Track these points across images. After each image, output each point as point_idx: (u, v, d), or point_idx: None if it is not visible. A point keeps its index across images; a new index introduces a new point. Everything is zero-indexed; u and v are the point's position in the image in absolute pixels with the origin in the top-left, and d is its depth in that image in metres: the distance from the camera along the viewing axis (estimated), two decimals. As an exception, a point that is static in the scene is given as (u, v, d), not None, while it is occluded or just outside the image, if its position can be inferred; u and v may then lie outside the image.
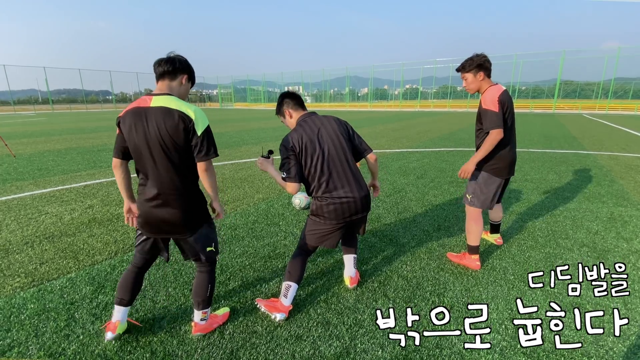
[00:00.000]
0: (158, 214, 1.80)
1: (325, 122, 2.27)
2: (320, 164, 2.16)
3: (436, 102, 47.08)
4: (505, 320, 2.17)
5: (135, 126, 1.69)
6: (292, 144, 2.15)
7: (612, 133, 13.29)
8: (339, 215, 2.20)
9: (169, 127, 1.68)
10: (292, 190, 2.18)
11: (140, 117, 1.69)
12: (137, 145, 1.71)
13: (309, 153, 2.15)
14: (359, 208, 2.24)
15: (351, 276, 2.55)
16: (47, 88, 47.04)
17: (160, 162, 1.72)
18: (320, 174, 2.17)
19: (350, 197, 2.19)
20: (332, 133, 2.23)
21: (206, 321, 2.02)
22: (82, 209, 4.34)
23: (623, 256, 3.04)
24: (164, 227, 1.85)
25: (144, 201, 1.81)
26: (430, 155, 8.26)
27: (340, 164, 2.20)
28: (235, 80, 68.62)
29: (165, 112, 1.68)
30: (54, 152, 9.18)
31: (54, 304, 2.36)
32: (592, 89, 43.19)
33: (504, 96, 2.61)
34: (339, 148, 2.21)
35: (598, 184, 5.49)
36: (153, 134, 1.68)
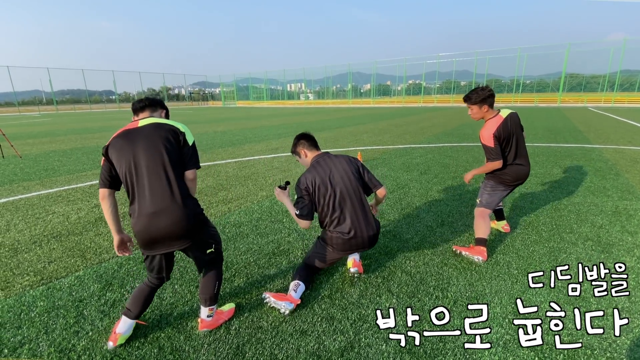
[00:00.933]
0: (160, 226, 1.75)
1: (337, 163, 2.45)
2: (332, 203, 2.36)
3: (439, 97, 46.82)
4: (508, 314, 2.18)
5: (127, 146, 1.75)
6: (305, 185, 2.36)
7: (617, 126, 13.16)
8: (347, 248, 2.43)
9: (163, 138, 1.77)
10: (304, 226, 2.39)
11: (132, 136, 1.78)
12: (132, 163, 1.74)
13: (322, 193, 2.35)
14: (366, 244, 2.46)
15: (355, 259, 2.65)
16: (51, 89, 47.37)
17: (157, 174, 1.75)
18: (332, 211, 2.38)
19: (359, 235, 2.39)
20: (344, 173, 2.41)
21: (212, 317, 2.05)
22: (88, 209, 4.40)
23: (627, 250, 3.03)
24: (166, 240, 1.80)
25: (144, 217, 1.74)
26: (434, 150, 8.24)
27: (351, 203, 2.39)
28: (237, 79, 68.66)
29: (156, 126, 1.81)
30: (59, 152, 9.27)
31: (63, 301, 2.40)
32: (597, 82, 42.69)
33: (500, 129, 2.88)
34: (349, 187, 2.40)
35: (603, 177, 5.46)
36: (148, 148, 1.75)
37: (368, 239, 2.44)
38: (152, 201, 1.74)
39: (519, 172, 3.05)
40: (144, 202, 1.74)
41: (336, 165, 2.44)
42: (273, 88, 69.54)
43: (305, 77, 59.76)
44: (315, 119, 20.89)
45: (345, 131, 12.96)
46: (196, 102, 74.45)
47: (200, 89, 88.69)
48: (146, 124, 1.83)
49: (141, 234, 1.76)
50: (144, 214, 1.74)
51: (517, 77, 40.51)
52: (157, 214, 1.74)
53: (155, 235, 1.76)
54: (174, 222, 1.76)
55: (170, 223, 1.76)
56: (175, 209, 1.76)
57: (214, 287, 2.02)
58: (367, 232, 2.42)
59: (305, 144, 2.54)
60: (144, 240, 1.79)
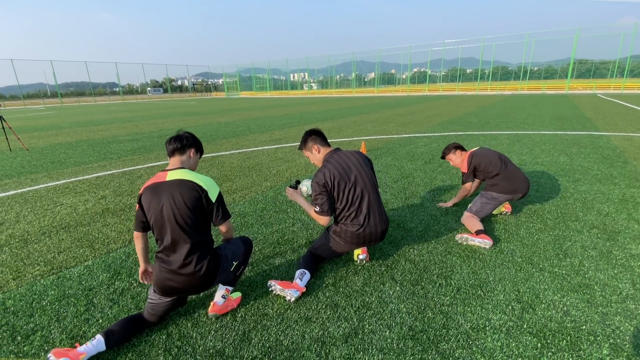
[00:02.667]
0: (179, 282, 1.90)
1: (352, 157, 2.46)
2: (351, 197, 2.38)
3: (445, 85, 46.18)
4: (512, 301, 2.19)
5: (154, 200, 1.87)
6: (324, 181, 2.35)
7: (627, 113, 12.92)
8: (359, 241, 2.46)
9: (185, 196, 1.87)
10: (324, 223, 2.43)
11: (158, 191, 1.88)
12: (159, 217, 1.87)
13: (341, 188, 2.36)
14: (378, 237, 2.49)
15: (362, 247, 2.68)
16: (55, 82, 47.52)
17: (180, 236, 1.87)
18: (350, 206, 2.39)
19: (373, 229, 2.42)
20: (360, 167, 2.43)
21: (224, 302, 2.10)
22: (95, 200, 4.45)
23: (633, 237, 3.01)
24: (193, 288, 1.97)
25: (169, 270, 1.89)
26: (439, 139, 8.18)
27: (369, 197, 2.41)
28: (240, 69, 68.22)
29: (180, 183, 1.90)
30: (65, 144, 9.34)
31: (73, 290, 2.46)
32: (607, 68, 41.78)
33: (470, 160, 3.42)
34: (367, 182, 2.42)
35: (610, 165, 5.39)
36: (172, 204, 1.85)
37: (380, 233, 2.47)
38: (173, 260, 1.89)
39: (517, 184, 3.28)
40: (169, 257, 1.90)
41: (352, 159, 2.45)
42: (276, 78, 69.07)
43: (308, 67, 59.22)
44: (319, 108, 20.77)
45: (349, 121, 12.88)
46: (199, 93, 74.31)
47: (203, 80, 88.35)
48: (173, 179, 1.91)
49: (161, 284, 1.92)
50: (170, 269, 1.89)
51: (525, 64, 39.75)
52: (175, 273, 1.89)
53: (177, 286, 1.92)
54: (192, 286, 1.95)
55: (188, 286, 1.94)
56: (195, 278, 1.92)
57: (237, 269, 2.15)
58: (380, 227, 2.45)
59: (318, 140, 2.53)
60: (163, 289, 1.93)
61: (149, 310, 1.98)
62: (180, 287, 1.92)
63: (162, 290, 1.93)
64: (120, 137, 10.55)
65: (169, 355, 1.82)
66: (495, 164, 3.31)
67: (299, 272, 2.37)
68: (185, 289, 1.94)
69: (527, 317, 2.05)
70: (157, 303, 1.97)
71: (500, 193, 3.27)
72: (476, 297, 2.24)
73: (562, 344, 1.84)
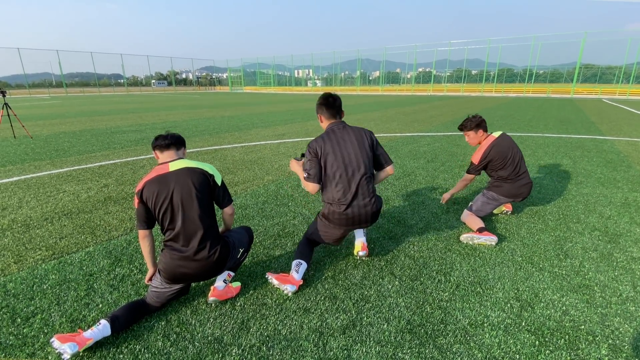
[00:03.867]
0: (191, 268, 1.93)
1: (351, 134, 2.39)
2: (338, 174, 2.31)
3: (450, 85, 45.98)
4: (511, 299, 2.19)
5: (162, 190, 1.87)
6: (315, 149, 2.34)
7: (632, 118, 12.84)
8: (347, 223, 2.39)
9: (196, 182, 1.92)
10: (312, 190, 2.36)
11: (164, 181, 1.89)
12: (168, 206, 1.88)
13: (329, 163, 2.32)
14: (367, 219, 2.42)
15: (363, 242, 2.66)
16: (61, 72, 47.57)
17: (193, 221, 1.90)
18: (336, 184, 2.33)
19: (361, 210, 2.35)
20: (356, 145, 2.35)
21: (224, 287, 2.12)
22: (97, 188, 4.47)
23: (635, 240, 3.00)
24: (204, 273, 1.99)
25: (182, 257, 1.91)
26: (442, 139, 8.15)
27: (353, 177, 2.32)
28: (245, 64, 68.07)
29: (189, 171, 1.94)
30: (69, 133, 9.37)
31: (74, 275, 2.47)
32: (613, 73, 41.45)
33: (491, 148, 3.19)
34: (359, 161, 2.33)
35: (614, 169, 5.37)
36: (183, 192, 1.88)
37: (370, 215, 2.39)
38: (186, 247, 1.91)
39: (521, 188, 3.24)
40: (178, 246, 1.92)
41: (350, 136, 2.37)
42: (280, 74, 68.87)
43: (313, 63, 59.03)
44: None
45: (353, 118, 12.86)
46: (203, 87, 74.27)
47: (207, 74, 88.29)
48: (178, 169, 1.93)
49: (169, 272, 1.93)
50: (176, 257, 1.91)
51: (530, 67, 39.52)
52: (189, 259, 1.91)
53: (184, 277, 1.96)
54: (204, 271, 1.98)
55: (200, 271, 1.97)
56: (213, 243, 1.96)
57: (239, 254, 2.19)
58: (370, 209, 2.37)
59: (324, 111, 2.43)
60: (175, 276, 1.95)
61: (153, 297, 1.99)
62: (192, 274, 1.94)
63: (173, 277, 1.94)
64: (124, 127, 10.56)
65: (168, 341, 1.83)
66: (508, 167, 3.19)
67: (295, 262, 2.36)
68: (197, 274, 1.96)
69: (525, 315, 2.05)
70: (163, 291, 1.99)
71: (502, 195, 3.26)
72: (475, 294, 2.24)
73: (560, 342, 1.84)
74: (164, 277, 1.96)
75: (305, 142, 7.88)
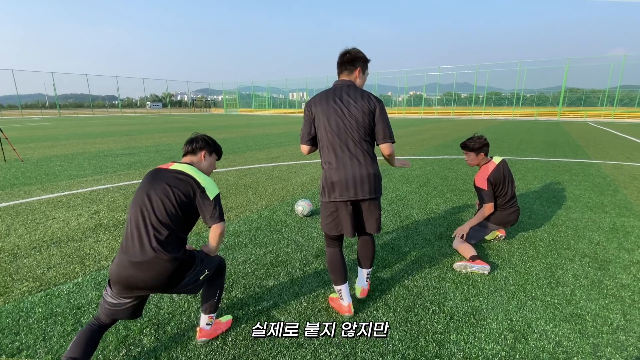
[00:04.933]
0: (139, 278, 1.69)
1: (352, 94, 2.13)
2: (326, 136, 2.14)
3: (440, 109, 47.11)
4: (504, 330, 2.19)
5: (149, 186, 1.80)
6: (309, 105, 2.19)
7: (617, 141, 13.24)
8: (337, 192, 2.15)
9: (180, 188, 1.78)
10: (303, 152, 2.30)
11: (159, 175, 1.85)
12: (142, 199, 1.77)
13: (321, 122, 2.14)
14: (357, 192, 2.14)
15: (363, 287, 2.53)
16: (55, 93, 47.74)
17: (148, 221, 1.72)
18: (327, 145, 2.16)
19: (350, 173, 2.11)
20: (353, 107, 2.10)
21: (211, 327, 2.07)
22: (88, 214, 4.42)
23: (624, 267, 3.05)
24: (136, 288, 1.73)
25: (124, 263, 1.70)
26: (434, 162, 8.29)
27: (340, 141, 2.11)
28: (240, 86, 69.20)
29: (177, 175, 1.84)
30: (60, 157, 9.32)
31: (61, 308, 2.41)
32: (597, 97, 43.02)
33: (494, 174, 3.24)
34: (353, 125, 2.09)
35: (601, 193, 5.49)
36: (159, 191, 1.77)
37: (364, 177, 2.14)
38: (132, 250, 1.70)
39: (510, 216, 3.34)
40: (129, 251, 1.70)
41: (350, 96, 2.12)
42: (275, 96, 70.01)
43: (307, 87, 60.25)
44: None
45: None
46: (198, 109, 74.95)
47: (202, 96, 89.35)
48: (173, 169, 1.88)
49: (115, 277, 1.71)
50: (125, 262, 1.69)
51: (518, 91, 40.85)
52: (137, 265, 1.68)
53: (133, 286, 1.71)
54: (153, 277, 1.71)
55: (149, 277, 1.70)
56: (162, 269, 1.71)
57: (215, 295, 2.04)
58: (363, 170, 2.13)
59: (338, 68, 2.24)
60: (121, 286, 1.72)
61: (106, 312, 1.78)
62: (142, 280, 1.69)
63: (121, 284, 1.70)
64: (117, 150, 10.55)
65: (157, 380, 1.78)
66: (502, 196, 3.29)
67: (336, 289, 2.34)
68: (147, 283, 1.70)
69: (519, 347, 2.04)
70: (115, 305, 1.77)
71: (492, 223, 3.33)
72: (469, 326, 2.24)
73: (554, 376, 1.83)
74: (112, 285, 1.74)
75: (300, 165, 7.94)
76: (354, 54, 2.19)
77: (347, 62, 2.19)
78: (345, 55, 2.19)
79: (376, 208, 2.30)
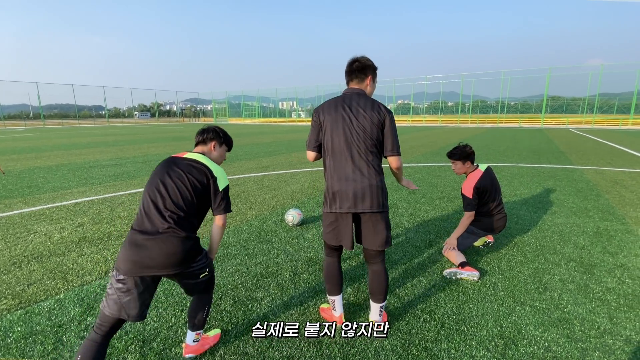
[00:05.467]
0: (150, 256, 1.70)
1: (361, 103, 2.06)
2: (331, 144, 2.08)
3: (428, 117, 47.91)
4: (495, 337, 2.19)
5: (163, 171, 1.86)
6: (318, 112, 2.14)
7: (598, 147, 13.63)
8: (337, 203, 2.07)
9: (194, 175, 1.85)
10: (309, 158, 2.25)
11: (172, 164, 1.90)
12: (154, 185, 1.82)
13: (327, 130, 2.09)
14: (357, 204, 2.04)
15: (376, 320, 2.27)
16: (39, 103, 46.85)
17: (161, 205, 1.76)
18: (328, 152, 2.12)
19: (344, 189, 2.04)
20: (362, 116, 2.03)
21: (198, 342, 2.01)
22: (72, 228, 4.30)
23: (609, 270, 3.10)
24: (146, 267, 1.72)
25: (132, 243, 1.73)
26: (422, 170, 8.37)
27: (345, 151, 2.05)
28: (230, 96, 69.16)
29: (192, 163, 1.90)
30: (44, 168, 9.09)
31: (41, 326, 2.32)
32: (578, 104, 44.44)
33: (481, 181, 3.26)
34: (354, 136, 2.03)
35: (585, 198, 5.62)
36: (173, 176, 1.83)
37: (366, 189, 2.03)
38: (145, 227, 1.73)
39: (498, 222, 3.40)
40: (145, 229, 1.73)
41: (360, 105, 2.05)
42: (265, 105, 70.15)
43: (297, 96, 60.60)
44: (307, 137, 21.07)
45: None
46: (187, 119, 74.45)
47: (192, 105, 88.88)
48: (187, 158, 1.93)
49: (125, 256, 1.69)
50: (136, 237, 1.71)
51: (502, 99, 41.87)
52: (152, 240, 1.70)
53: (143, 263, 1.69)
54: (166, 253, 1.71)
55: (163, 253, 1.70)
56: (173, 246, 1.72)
57: (203, 312, 1.98)
58: (365, 182, 2.03)
59: (347, 76, 2.17)
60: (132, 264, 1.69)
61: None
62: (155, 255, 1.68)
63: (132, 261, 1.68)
64: (103, 161, 10.36)
65: (142, 399, 1.72)
66: (490, 202, 3.34)
67: (329, 299, 2.32)
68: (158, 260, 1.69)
69: (509, 354, 2.04)
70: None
71: (480, 229, 3.37)
72: (460, 333, 2.24)
73: (545, 382, 1.83)
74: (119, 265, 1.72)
75: (290, 174, 7.92)
76: (364, 62, 2.12)
77: (357, 71, 2.12)
78: (355, 64, 2.12)
79: (380, 222, 2.12)
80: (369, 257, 2.23)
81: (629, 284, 2.88)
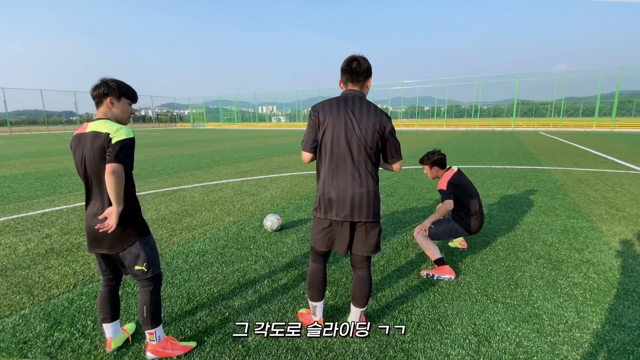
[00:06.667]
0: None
1: (364, 108, 1.99)
2: (330, 147, 1.99)
3: (405, 121, 48.91)
4: (469, 334, 2.25)
5: (77, 152, 1.86)
6: (317, 111, 2.01)
7: (564, 149, 14.32)
8: (334, 210, 2.03)
9: (96, 148, 1.79)
10: (305, 159, 2.11)
11: (79, 142, 1.85)
12: (81, 169, 1.87)
13: (328, 132, 1.99)
14: (354, 213, 2.01)
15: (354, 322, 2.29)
16: (6, 109, 44.52)
17: (94, 182, 1.86)
18: (325, 156, 2.03)
19: (342, 196, 1.99)
20: (364, 121, 1.97)
21: (157, 342, 1.99)
22: (38, 239, 4.10)
23: (575, 266, 3.26)
24: (95, 242, 1.93)
25: (89, 216, 1.91)
26: (400, 173, 8.52)
27: (344, 156, 1.99)
28: (207, 100, 68.14)
29: (94, 136, 1.80)
30: (9, 177, 8.63)
31: (5, 343, 2.19)
32: (546, 108, 46.57)
33: (455, 178, 3.29)
34: (355, 141, 1.97)
35: (552, 197, 5.88)
36: (87, 157, 1.82)
37: (356, 196, 1.99)
38: (91, 207, 1.90)
39: (480, 223, 3.36)
40: (88, 206, 1.92)
41: (362, 110, 1.98)
42: (244, 110, 69.57)
43: (277, 100, 60.46)
44: (287, 141, 21.03)
45: (315, 154, 13.12)
46: (163, 124, 72.67)
47: (168, 111, 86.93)
48: (89, 132, 1.82)
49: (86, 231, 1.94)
50: (90, 213, 1.90)
51: (475, 103, 43.34)
52: (96, 216, 1.86)
53: (90, 236, 1.92)
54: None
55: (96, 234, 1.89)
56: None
57: (143, 311, 1.97)
58: (356, 190, 1.98)
59: (347, 76, 2.05)
60: (87, 238, 1.95)
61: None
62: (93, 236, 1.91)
63: (87, 238, 1.95)
64: (73, 169, 9.93)
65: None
66: (474, 202, 3.29)
67: (310, 305, 2.31)
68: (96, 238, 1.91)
69: (483, 351, 2.10)
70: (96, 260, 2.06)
71: (465, 229, 3.32)
72: (435, 332, 2.28)
73: (516, 376, 1.89)
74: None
75: (270, 179, 7.87)
76: (367, 64, 2.03)
77: (359, 72, 2.02)
78: (356, 64, 2.01)
79: (372, 230, 2.09)
80: (355, 262, 2.20)
81: (594, 278, 3.03)
